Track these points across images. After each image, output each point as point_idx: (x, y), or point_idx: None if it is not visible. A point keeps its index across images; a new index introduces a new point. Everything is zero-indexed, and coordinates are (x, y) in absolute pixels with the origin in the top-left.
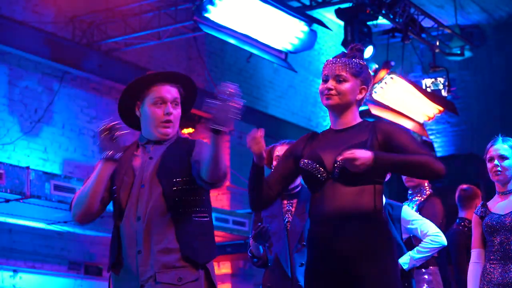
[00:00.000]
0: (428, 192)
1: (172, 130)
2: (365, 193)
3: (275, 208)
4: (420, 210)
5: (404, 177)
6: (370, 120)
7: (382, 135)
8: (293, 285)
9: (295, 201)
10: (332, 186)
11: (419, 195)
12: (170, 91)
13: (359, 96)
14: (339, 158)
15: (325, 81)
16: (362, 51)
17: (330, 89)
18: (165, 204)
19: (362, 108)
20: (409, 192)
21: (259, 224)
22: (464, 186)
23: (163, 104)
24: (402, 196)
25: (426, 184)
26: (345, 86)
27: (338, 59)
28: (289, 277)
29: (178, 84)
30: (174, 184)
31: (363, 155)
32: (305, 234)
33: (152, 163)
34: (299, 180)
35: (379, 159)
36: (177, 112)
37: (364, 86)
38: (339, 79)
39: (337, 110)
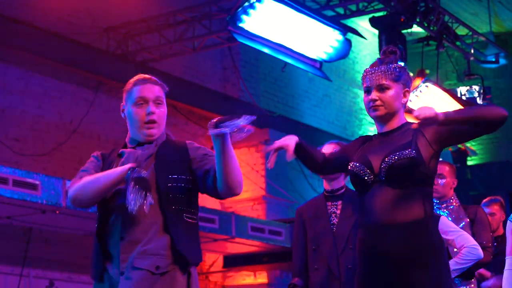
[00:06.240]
0: (455, 204)
1: (157, 131)
2: (414, 197)
3: (319, 210)
4: (473, 222)
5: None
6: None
7: (430, 129)
8: (341, 286)
9: (339, 202)
10: (380, 190)
11: (444, 205)
12: (152, 90)
13: (404, 100)
14: (419, 116)
15: (368, 92)
16: (395, 53)
17: (375, 100)
18: (157, 199)
19: None
20: (435, 201)
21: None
22: None
23: (145, 104)
24: None
25: (452, 196)
26: (389, 94)
27: (376, 68)
28: (338, 278)
29: (159, 83)
30: (170, 180)
31: (430, 111)
32: (352, 237)
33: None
34: (343, 182)
35: (447, 115)
36: (160, 111)
37: (407, 89)
38: (382, 88)
39: (385, 119)
